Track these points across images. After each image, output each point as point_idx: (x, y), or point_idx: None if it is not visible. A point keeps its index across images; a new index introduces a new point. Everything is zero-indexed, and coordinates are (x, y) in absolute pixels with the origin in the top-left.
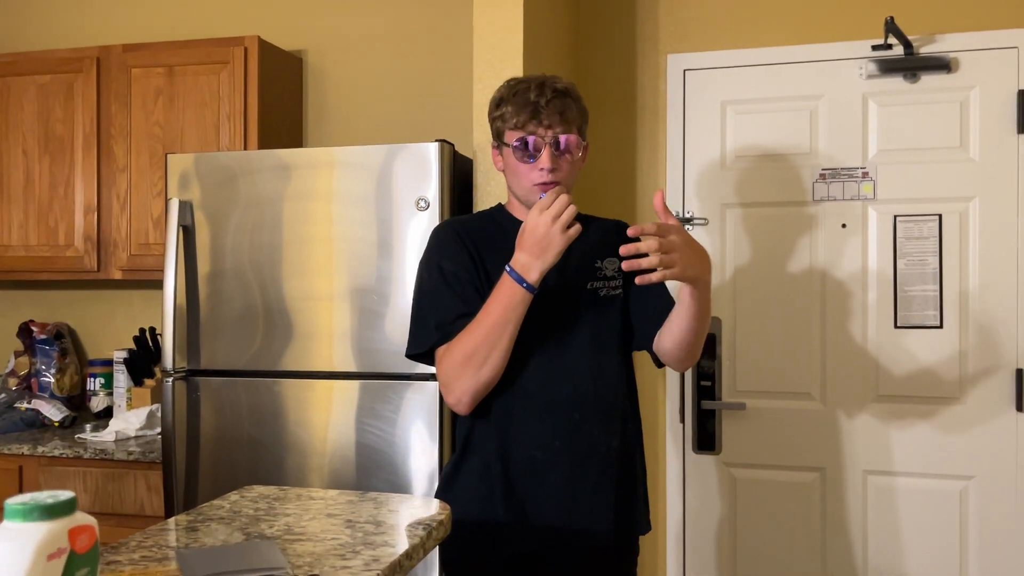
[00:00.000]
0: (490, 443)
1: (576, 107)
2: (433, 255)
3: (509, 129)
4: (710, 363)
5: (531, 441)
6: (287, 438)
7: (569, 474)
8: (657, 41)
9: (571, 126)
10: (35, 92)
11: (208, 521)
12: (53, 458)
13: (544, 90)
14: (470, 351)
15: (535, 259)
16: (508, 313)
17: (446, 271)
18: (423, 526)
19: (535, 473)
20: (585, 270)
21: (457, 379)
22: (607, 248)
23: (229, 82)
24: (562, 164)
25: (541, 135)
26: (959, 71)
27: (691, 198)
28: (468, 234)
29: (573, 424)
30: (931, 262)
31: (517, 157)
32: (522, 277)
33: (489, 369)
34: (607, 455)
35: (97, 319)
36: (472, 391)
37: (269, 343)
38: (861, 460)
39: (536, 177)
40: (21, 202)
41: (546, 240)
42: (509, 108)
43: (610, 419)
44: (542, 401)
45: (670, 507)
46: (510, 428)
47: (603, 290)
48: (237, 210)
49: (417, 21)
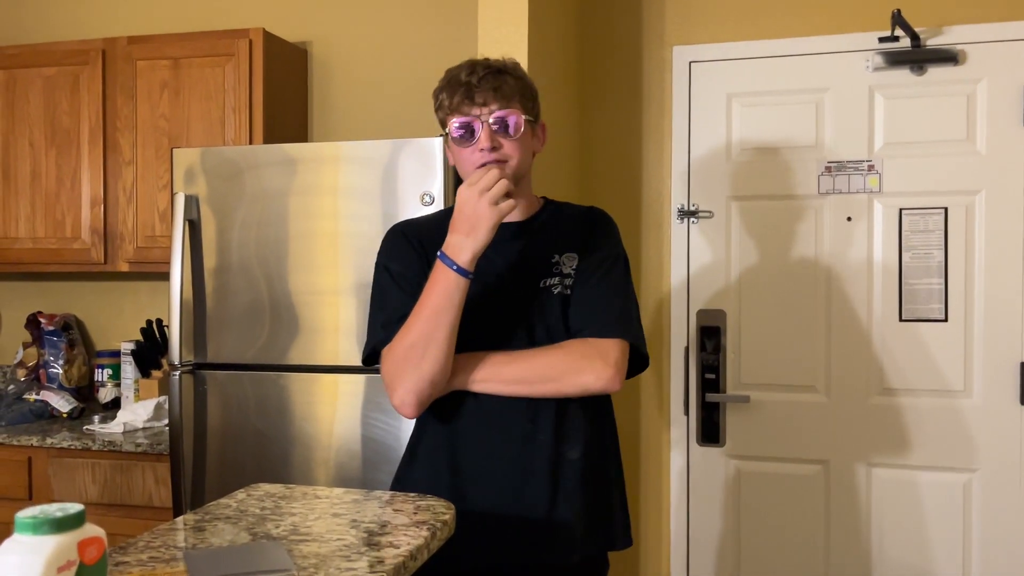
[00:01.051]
0: (439, 451)
1: (515, 83)
2: (381, 259)
3: (447, 116)
4: (714, 356)
5: (481, 451)
6: (293, 432)
7: (521, 487)
8: (663, 33)
9: (509, 101)
10: (41, 84)
11: (215, 520)
12: (62, 449)
13: (476, 69)
14: (408, 345)
15: (465, 238)
16: (442, 301)
17: (393, 272)
18: (428, 526)
19: (486, 485)
20: (541, 266)
21: (398, 377)
22: (570, 240)
23: (234, 74)
24: (505, 143)
25: (476, 114)
26: (966, 63)
27: (696, 191)
28: (417, 235)
29: (526, 434)
30: (936, 255)
31: (457, 142)
32: (452, 260)
33: (430, 364)
34: (565, 467)
35: (104, 310)
36: (415, 390)
37: (275, 337)
38: (865, 453)
39: (477, 159)
40: (28, 194)
41: (474, 216)
42: (444, 95)
43: (568, 429)
44: (493, 408)
45: (674, 500)
46: (460, 436)
47: (557, 287)
48: (243, 204)
49: (422, 13)
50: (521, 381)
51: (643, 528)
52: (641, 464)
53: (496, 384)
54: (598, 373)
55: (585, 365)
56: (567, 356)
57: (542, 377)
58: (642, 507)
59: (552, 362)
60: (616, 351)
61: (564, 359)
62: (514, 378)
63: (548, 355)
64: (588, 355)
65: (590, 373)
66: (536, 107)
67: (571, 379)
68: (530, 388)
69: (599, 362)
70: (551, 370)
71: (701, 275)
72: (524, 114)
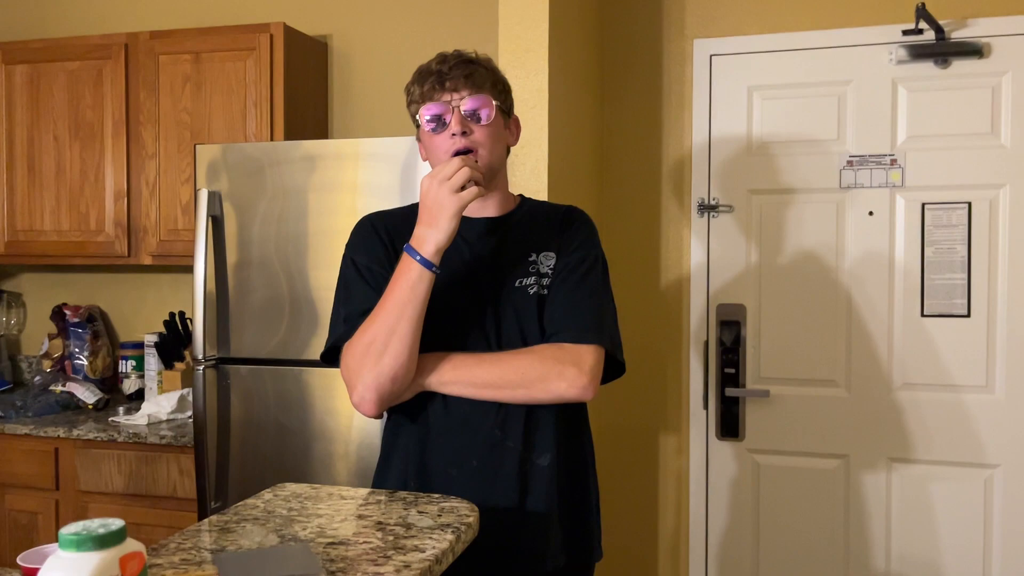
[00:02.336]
0: (410, 456)
1: (486, 73)
2: (348, 251)
3: (419, 106)
4: (734, 350)
5: (448, 458)
6: (314, 425)
7: (489, 493)
8: (683, 26)
9: (480, 88)
10: (65, 79)
11: (243, 522)
12: (88, 441)
13: (447, 59)
14: (368, 339)
15: (429, 228)
16: (405, 293)
17: (360, 265)
18: (452, 529)
19: (453, 491)
20: (517, 264)
21: (357, 372)
22: (548, 239)
23: (255, 69)
24: (476, 130)
25: (447, 100)
26: (991, 56)
27: (716, 185)
28: (386, 227)
29: (494, 440)
30: (959, 250)
31: (429, 132)
32: (416, 251)
33: (390, 359)
34: (535, 474)
35: (128, 302)
36: (375, 386)
37: (295, 332)
38: (885, 448)
39: (448, 145)
40: (53, 188)
41: (436, 206)
42: (415, 86)
43: (539, 436)
44: (462, 411)
45: (693, 493)
46: (428, 441)
47: (533, 288)
48: (264, 200)
49: (442, 5)
50: (491, 385)
51: (661, 522)
52: (659, 458)
53: (465, 387)
54: (571, 381)
55: (559, 371)
56: (541, 361)
57: (513, 382)
58: (661, 501)
59: (524, 367)
60: (592, 358)
61: (537, 364)
62: (484, 382)
63: (520, 359)
64: (562, 360)
65: (563, 380)
66: (509, 100)
67: (543, 385)
68: (500, 393)
69: (573, 369)
70: (523, 375)
71: (721, 269)
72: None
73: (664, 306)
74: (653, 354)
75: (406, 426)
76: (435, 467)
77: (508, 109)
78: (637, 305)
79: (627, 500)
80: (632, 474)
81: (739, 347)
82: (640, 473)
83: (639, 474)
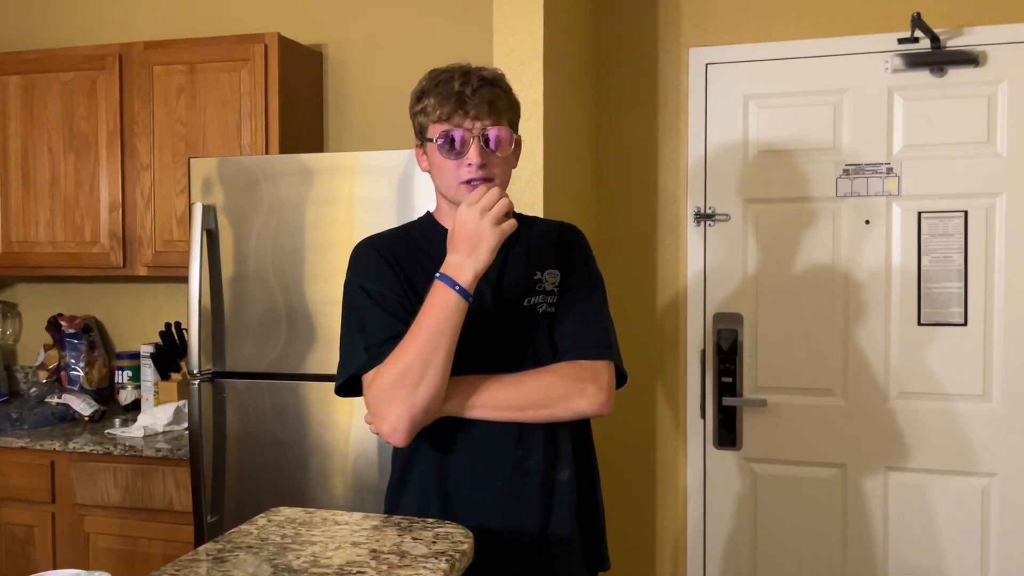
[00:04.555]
0: (430, 480)
1: (506, 98)
2: (354, 277)
3: (433, 123)
4: (731, 359)
5: (470, 480)
6: (311, 440)
7: (513, 512)
8: (679, 35)
9: (501, 118)
10: (59, 89)
11: (236, 550)
12: (84, 454)
13: (470, 78)
14: (402, 370)
15: (467, 258)
16: (441, 324)
17: (371, 292)
18: (446, 557)
19: (476, 511)
20: (523, 284)
21: (389, 403)
22: (548, 256)
23: (250, 79)
24: (493, 160)
25: (468, 128)
26: (987, 65)
27: (712, 193)
28: (389, 250)
29: (516, 459)
30: (956, 259)
31: (443, 153)
32: (454, 280)
33: (426, 389)
34: (556, 491)
35: (123, 312)
36: (409, 416)
37: (292, 346)
38: (883, 457)
39: (464, 174)
40: (47, 199)
41: (476, 236)
42: (431, 100)
43: (558, 452)
44: (481, 435)
45: (691, 503)
46: (448, 464)
47: (541, 306)
48: (260, 214)
49: (436, 14)
50: (514, 407)
51: (659, 531)
52: (657, 468)
53: (489, 411)
54: (591, 398)
55: (579, 389)
56: (561, 380)
57: (536, 403)
58: (659, 510)
59: (546, 387)
60: (607, 373)
61: (558, 384)
62: (508, 404)
63: (541, 379)
64: (581, 378)
65: (583, 398)
66: (518, 122)
67: (566, 404)
68: (523, 414)
69: (592, 386)
70: (545, 396)
71: (717, 278)
72: (512, 131)
73: (661, 315)
74: (650, 363)
75: (423, 449)
76: (456, 490)
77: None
78: (634, 314)
79: (625, 509)
80: (630, 483)
81: (736, 356)
82: (638, 482)
83: (637, 483)
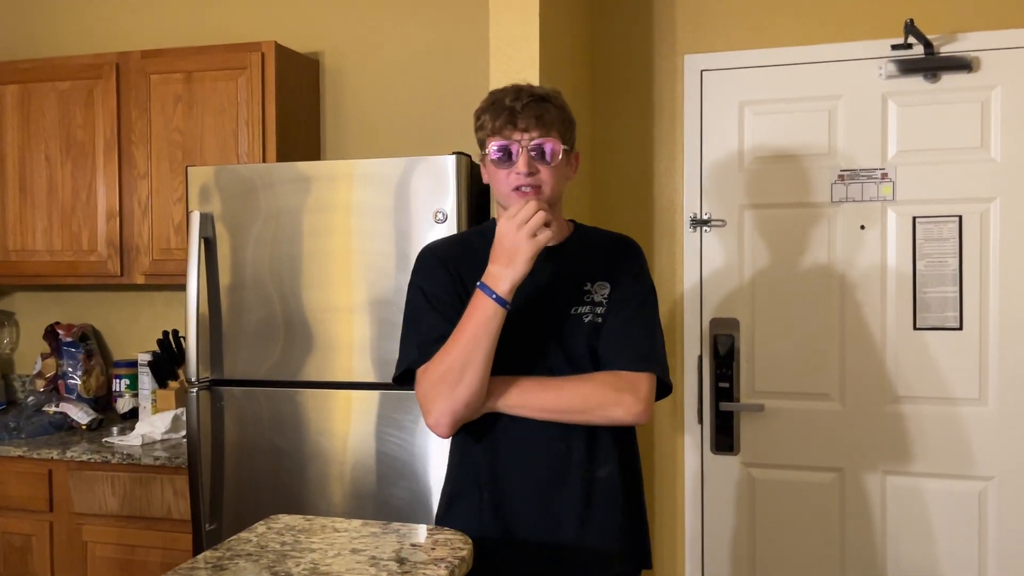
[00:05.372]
0: (481, 469)
1: (556, 112)
2: (415, 279)
3: (488, 137)
4: (728, 364)
5: (518, 469)
6: (309, 447)
7: (553, 504)
8: (674, 42)
9: (550, 130)
10: (56, 98)
11: (236, 558)
12: (82, 463)
13: (521, 95)
14: (444, 369)
15: (504, 269)
16: (480, 329)
17: (428, 293)
18: (446, 564)
19: (520, 501)
20: (572, 293)
21: (433, 399)
22: (601, 269)
23: (247, 88)
24: (542, 170)
25: (517, 139)
26: (980, 70)
27: (708, 199)
28: (450, 256)
29: (558, 454)
30: (951, 264)
31: (495, 164)
32: (491, 289)
33: (465, 388)
34: (597, 486)
35: (121, 320)
36: (450, 412)
37: (290, 354)
38: (880, 461)
39: (513, 181)
40: (45, 208)
41: (512, 248)
42: (487, 116)
43: (598, 450)
44: (527, 428)
45: (688, 508)
46: (498, 457)
47: (588, 316)
48: (257, 222)
49: (433, 22)
50: (554, 410)
51: (658, 537)
52: (655, 473)
53: (530, 411)
54: (628, 408)
55: (617, 398)
56: (599, 389)
57: (574, 408)
58: (657, 516)
59: (585, 394)
60: (646, 385)
61: (597, 392)
62: (547, 407)
63: (582, 386)
64: (620, 388)
65: (620, 408)
66: (573, 136)
67: (602, 412)
68: (562, 417)
69: (630, 397)
70: (584, 402)
71: (714, 283)
72: (562, 143)
73: None
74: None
75: (476, 440)
76: (505, 478)
77: (571, 145)
78: None
79: None
80: None
81: (733, 361)
82: None
83: None
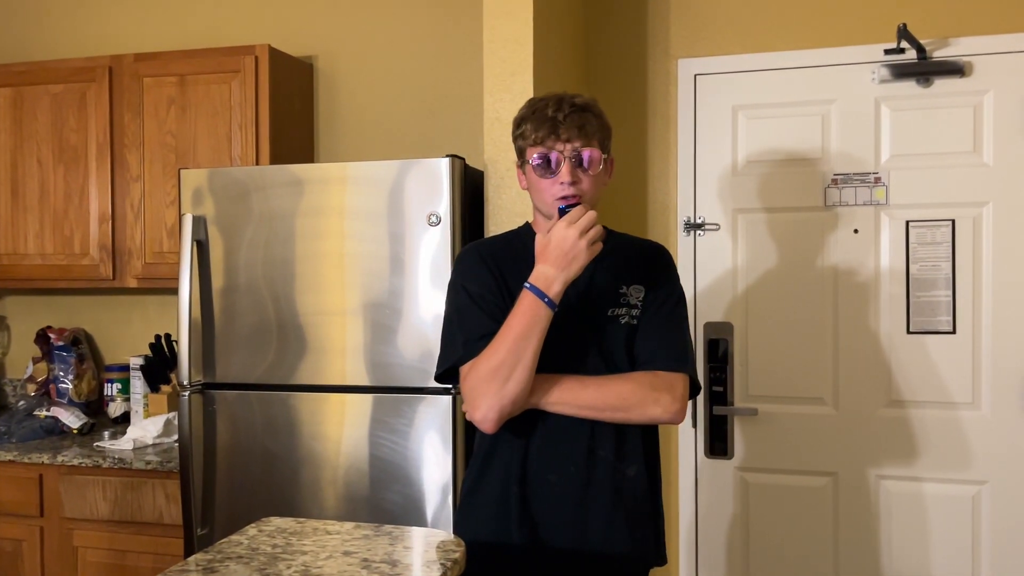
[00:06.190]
0: (512, 464)
1: (596, 121)
2: (458, 279)
3: (529, 146)
4: (722, 368)
5: (547, 465)
6: (302, 451)
7: (582, 500)
8: (668, 46)
9: (591, 140)
10: (49, 102)
11: (227, 560)
12: (73, 467)
13: (562, 105)
14: (495, 366)
15: (559, 271)
16: (529, 328)
17: (472, 292)
18: (438, 565)
19: (549, 497)
20: (609, 295)
21: (482, 395)
22: (635, 273)
23: (240, 91)
24: (583, 178)
25: (560, 149)
26: (973, 75)
27: (703, 203)
28: (492, 256)
29: (588, 451)
30: (944, 267)
31: (538, 173)
32: (543, 292)
33: (514, 385)
34: (622, 484)
35: (113, 324)
36: (498, 407)
37: (283, 357)
38: (874, 465)
39: (557, 191)
40: (37, 211)
41: (572, 253)
42: (529, 126)
43: (626, 448)
44: (560, 426)
45: (682, 512)
46: (529, 450)
47: (624, 318)
48: (250, 225)
49: (426, 25)
50: (594, 408)
51: None
52: None
53: (570, 408)
54: (665, 406)
55: (655, 397)
56: (638, 388)
57: (614, 406)
58: None
59: (625, 392)
60: (682, 385)
61: (636, 390)
62: (588, 404)
63: (621, 385)
64: (658, 388)
65: (658, 406)
66: (610, 143)
67: (641, 410)
68: (601, 414)
69: (667, 395)
70: (623, 400)
71: (708, 288)
72: (601, 151)
73: None
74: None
75: (506, 435)
76: (535, 474)
77: (608, 152)
78: None
79: None
80: None
81: (727, 365)
82: None
83: None
